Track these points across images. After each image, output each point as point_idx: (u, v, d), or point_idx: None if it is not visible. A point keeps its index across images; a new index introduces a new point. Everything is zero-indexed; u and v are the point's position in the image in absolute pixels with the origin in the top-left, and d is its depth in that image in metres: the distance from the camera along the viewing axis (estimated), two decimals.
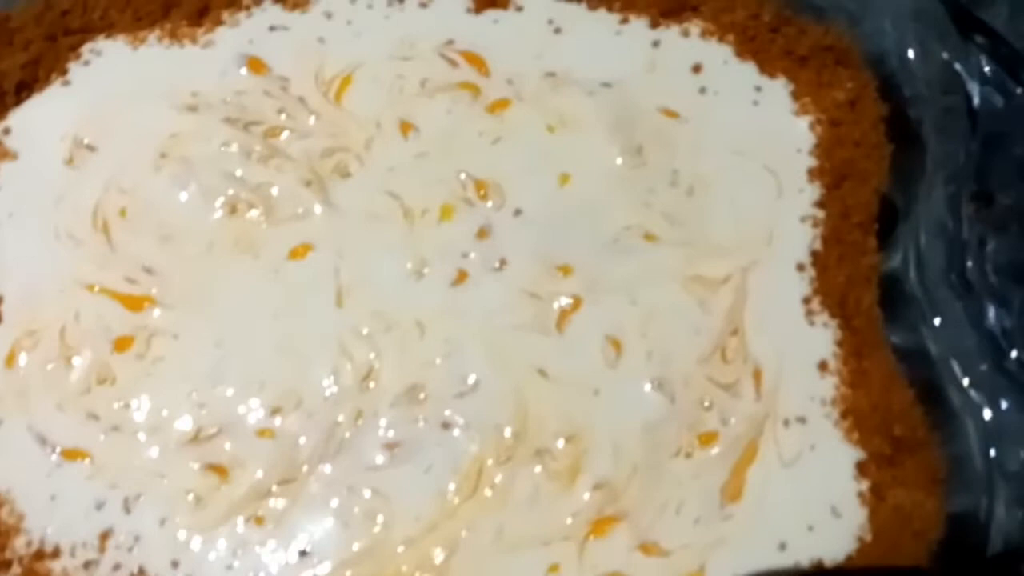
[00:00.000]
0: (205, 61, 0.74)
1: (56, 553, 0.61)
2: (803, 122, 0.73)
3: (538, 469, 0.62)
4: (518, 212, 0.70)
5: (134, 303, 0.67)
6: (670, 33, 0.76)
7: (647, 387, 0.64)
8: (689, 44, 0.75)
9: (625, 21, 0.76)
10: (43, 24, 0.74)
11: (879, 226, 0.70)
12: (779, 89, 0.74)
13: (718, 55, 0.75)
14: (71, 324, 0.66)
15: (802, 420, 0.64)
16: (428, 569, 0.60)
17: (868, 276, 0.67)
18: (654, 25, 0.76)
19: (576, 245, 0.69)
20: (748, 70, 0.74)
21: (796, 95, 0.74)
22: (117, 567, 0.61)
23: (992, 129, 0.68)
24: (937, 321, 0.66)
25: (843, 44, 0.73)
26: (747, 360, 0.65)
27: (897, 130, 0.71)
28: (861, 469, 0.63)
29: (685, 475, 0.62)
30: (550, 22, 0.76)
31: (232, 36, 0.75)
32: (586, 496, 0.61)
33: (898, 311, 0.68)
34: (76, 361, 0.65)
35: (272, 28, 0.75)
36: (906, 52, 0.71)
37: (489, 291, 0.67)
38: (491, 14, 0.76)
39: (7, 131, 0.72)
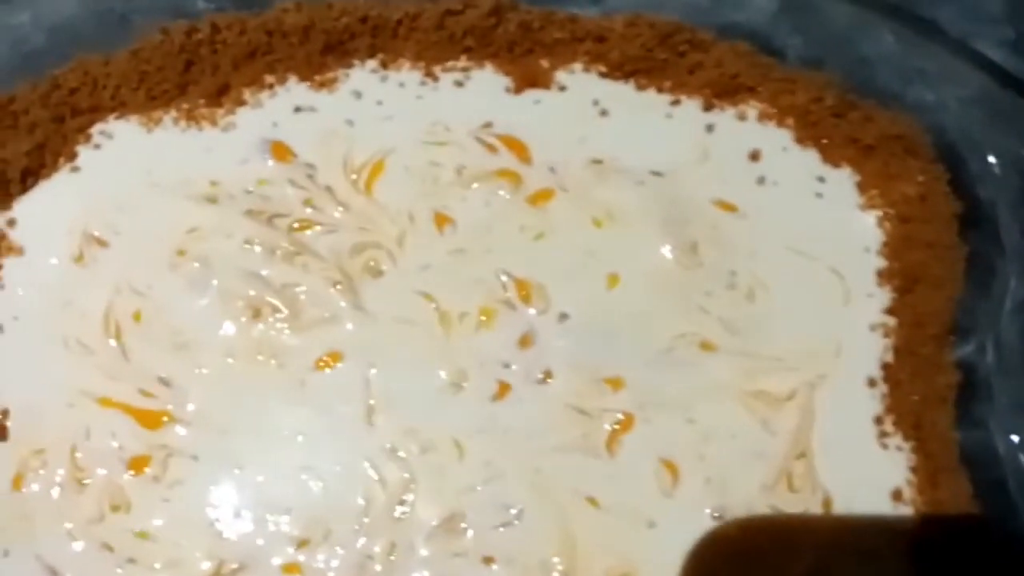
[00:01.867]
0: (225, 146, 0.69)
1: None
2: (870, 217, 0.68)
3: None
4: (563, 317, 0.65)
5: (150, 419, 0.62)
6: (725, 116, 0.70)
7: (706, 518, 0.59)
8: (746, 129, 0.70)
9: (676, 103, 0.70)
10: (49, 105, 0.68)
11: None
12: (844, 180, 0.69)
13: (777, 141, 0.69)
14: (81, 442, 0.61)
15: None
16: None
17: (944, 396, 0.62)
18: (707, 107, 0.70)
19: (626, 355, 0.64)
20: (810, 158, 0.69)
21: (862, 187, 0.68)
22: None
23: None
24: (1016, 439, 0.61)
25: (912, 133, 0.67)
26: (816, 488, 0.60)
27: (971, 227, 0.66)
28: None
29: None
30: (595, 103, 0.70)
31: (254, 118, 0.69)
32: None
33: (969, 406, 0.63)
34: (88, 484, 0.60)
35: (298, 109, 0.70)
36: (978, 144, 0.66)
37: (533, 407, 0.62)
38: (532, 94, 0.70)
39: (12, 223, 0.66)
